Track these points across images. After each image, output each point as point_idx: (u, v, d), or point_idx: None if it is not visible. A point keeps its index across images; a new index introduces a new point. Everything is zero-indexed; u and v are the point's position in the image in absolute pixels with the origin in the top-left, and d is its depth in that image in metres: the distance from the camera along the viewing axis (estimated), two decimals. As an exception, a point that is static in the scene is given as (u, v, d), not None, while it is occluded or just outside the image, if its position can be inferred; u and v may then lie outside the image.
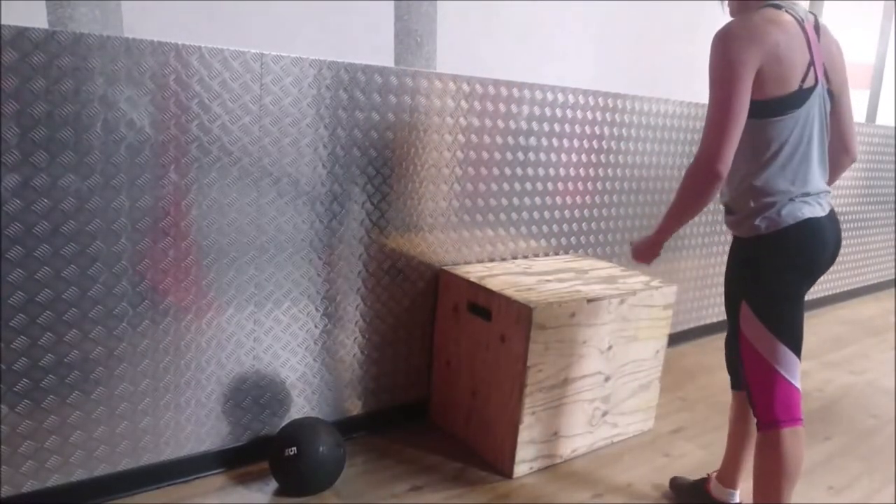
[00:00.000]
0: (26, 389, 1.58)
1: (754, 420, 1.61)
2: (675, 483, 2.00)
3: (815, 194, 1.53)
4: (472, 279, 2.10)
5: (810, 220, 1.49)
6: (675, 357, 3.05)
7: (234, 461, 1.95)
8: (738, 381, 1.76)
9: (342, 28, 1.89)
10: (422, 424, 2.30)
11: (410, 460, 2.08)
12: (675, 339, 3.16)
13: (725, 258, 3.58)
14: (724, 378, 1.84)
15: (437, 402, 2.30)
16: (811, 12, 1.52)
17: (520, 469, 2.02)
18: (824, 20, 1.64)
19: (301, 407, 2.04)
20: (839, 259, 4.41)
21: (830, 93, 1.53)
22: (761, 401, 1.54)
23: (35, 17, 1.45)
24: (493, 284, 2.05)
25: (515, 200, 2.37)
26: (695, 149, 2.99)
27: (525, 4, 2.26)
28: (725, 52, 1.41)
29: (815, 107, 1.47)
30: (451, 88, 2.09)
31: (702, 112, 2.96)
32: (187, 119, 1.64)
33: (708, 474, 1.94)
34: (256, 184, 1.79)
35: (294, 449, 1.80)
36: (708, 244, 3.23)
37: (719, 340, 3.49)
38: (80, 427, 1.68)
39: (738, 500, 1.86)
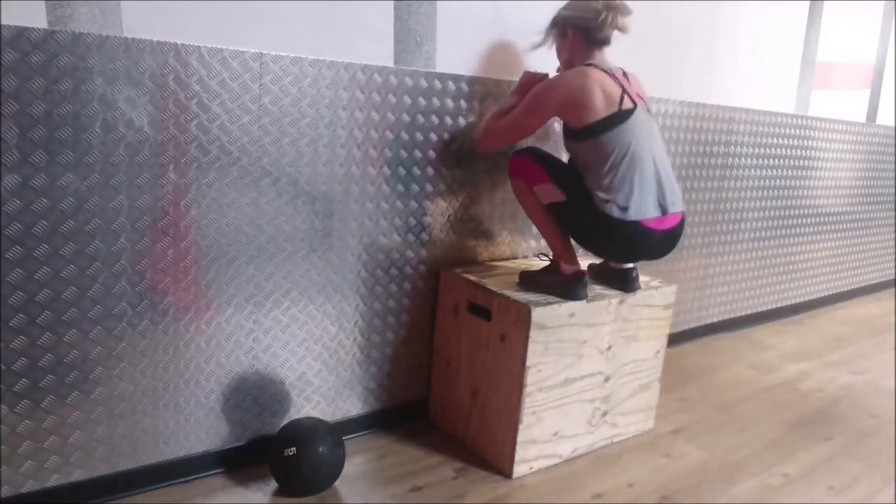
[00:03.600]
0: (26, 389, 1.58)
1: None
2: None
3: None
4: (472, 279, 2.10)
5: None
6: (675, 357, 3.05)
7: (234, 461, 1.95)
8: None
9: (342, 28, 1.89)
10: (422, 424, 2.30)
11: (410, 460, 2.08)
12: (675, 339, 3.16)
13: (725, 258, 3.59)
14: (725, 378, 1.84)
15: (436, 402, 2.30)
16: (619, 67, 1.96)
17: (520, 469, 2.02)
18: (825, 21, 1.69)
19: (301, 407, 2.04)
20: (839, 259, 4.40)
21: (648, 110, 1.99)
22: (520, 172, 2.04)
23: (35, 17, 1.45)
24: (493, 284, 2.05)
25: (516, 200, 2.37)
26: (694, 148, 2.99)
27: (525, 4, 2.25)
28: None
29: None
30: (451, 88, 2.09)
31: (701, 112, 2.96)
32: (186, 119, 1.64)
33: (556, 260, 2.06)
34: (256, 183, 1.79)
35: (293, 449, 1.80)
36: (708, 244, 3.23)
37: (719, 340, 3.51)
38: (79, 427, 1.68)
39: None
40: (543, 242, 2.50)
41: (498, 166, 2.28)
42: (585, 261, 2.32)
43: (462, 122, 2.14)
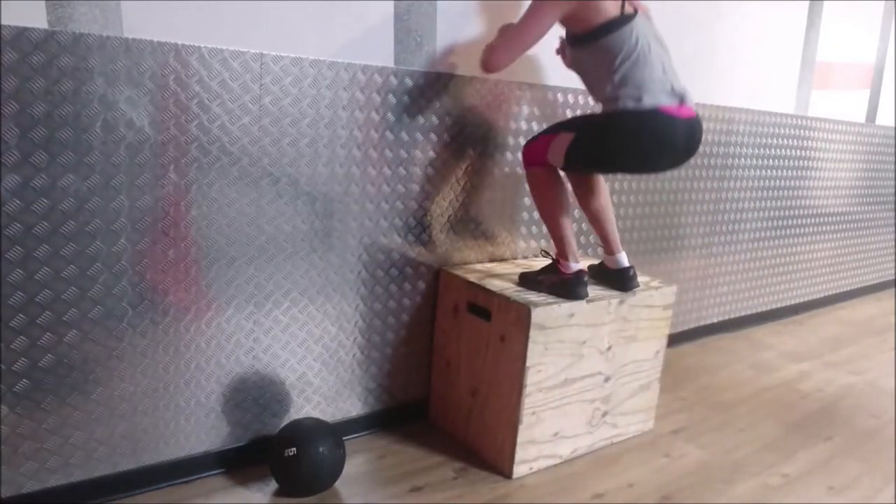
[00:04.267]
0: (26, 390, 1.58)
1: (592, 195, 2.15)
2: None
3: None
4: (471, 279, 2.10)
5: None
6: (675, 357, 3.05)
7: (234, 461, 1.95)
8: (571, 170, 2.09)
9: (342, 28, 1.89)
10: (422, 424, 2.30)
11: (410, 460, 2.08)
12: (675, 339, 3.16)
13: (725, 258, 3.59)
14: (725, 378, 1.84)
15: (436, 402, 2.30)
16: None
17: (519, 469, 2.02)
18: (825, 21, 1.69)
19: (301, 407, 2.04)
20: (839, 259, 4.40)
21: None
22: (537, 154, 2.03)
23: (35, 18, 1.45)
24: (493, 285, 2.05)
25: (516, 200, 2.37)
26: (695, 149, 2.99)
27: (525, 4, 2.25)
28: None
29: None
30: (450, 88, 2.09)
31: (702, 112, 2.96)
32: (187, 119, 1.64)
33: (557, 259, 2.08)
34: (256, 184, 1.79)
35: (294, 449, 1.80)
36: (708, 244, 3.23)
37: (719, 340, 3.51)
38: (79, 427, 1.68)
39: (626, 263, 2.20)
40: (543, 242, 2.50)
41: (498, 166, 2.28)
42: (586, 261, 2.33)
43: (462, 122, 2.14)
